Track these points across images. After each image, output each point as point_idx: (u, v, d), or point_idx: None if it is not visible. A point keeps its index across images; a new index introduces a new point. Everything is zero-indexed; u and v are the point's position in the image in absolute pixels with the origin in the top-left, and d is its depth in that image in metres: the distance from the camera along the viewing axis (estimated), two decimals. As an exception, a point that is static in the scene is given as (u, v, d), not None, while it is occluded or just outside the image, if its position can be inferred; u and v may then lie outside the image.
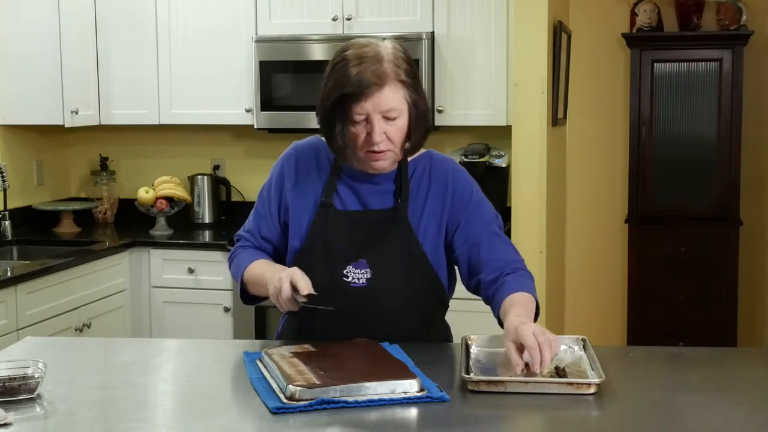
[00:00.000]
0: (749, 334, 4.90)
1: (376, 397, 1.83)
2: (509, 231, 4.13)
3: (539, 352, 1.91)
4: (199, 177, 4.91)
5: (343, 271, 2.21)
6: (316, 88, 2.22)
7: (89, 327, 4.12)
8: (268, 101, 4.51)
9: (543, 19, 4.02)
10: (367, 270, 2.21)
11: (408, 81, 2.13)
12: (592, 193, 5.04)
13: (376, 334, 2.16)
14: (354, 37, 2.37)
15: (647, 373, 2.10)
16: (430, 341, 2.29)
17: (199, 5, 4.63)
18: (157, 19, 4.66)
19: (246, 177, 4.98)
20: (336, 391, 1.82)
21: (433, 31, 4.34)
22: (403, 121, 2.14)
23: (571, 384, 1.90)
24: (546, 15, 4.02)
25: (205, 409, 1.86)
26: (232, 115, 4.64)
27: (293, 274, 2.10)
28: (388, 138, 2.14)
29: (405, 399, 1.83)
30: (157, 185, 4.74)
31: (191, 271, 4.43)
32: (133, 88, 4.70)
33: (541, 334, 1.93)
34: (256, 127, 4.58)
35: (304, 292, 2.06)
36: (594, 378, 1.92)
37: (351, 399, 1.82)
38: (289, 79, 4.52)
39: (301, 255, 2.25)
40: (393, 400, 1.83)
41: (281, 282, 2.09)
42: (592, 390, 1.88)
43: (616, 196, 4.99)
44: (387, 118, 2.12)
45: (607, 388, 1.91)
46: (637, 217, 4.81)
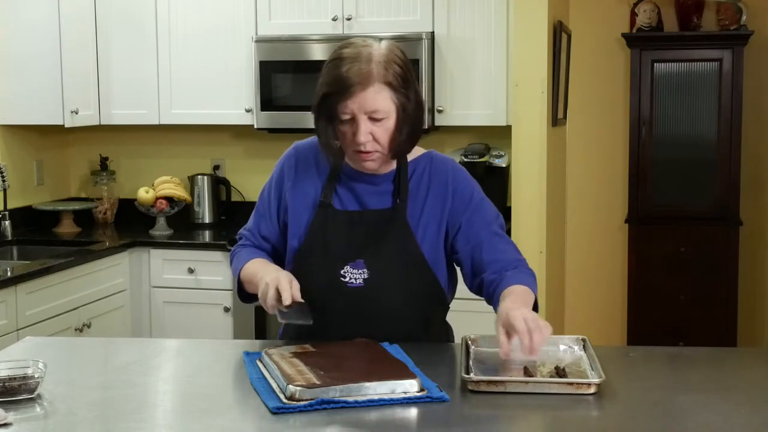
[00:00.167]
0: (749, 334, 4.90)
1: (376, 397, 1.83)
2: (509, 231, 4.13)
3: (528, 337, 1.91)
4: (199, 177, 4.91)
5: (341, 272, 2.21)
6: (315, 88, 2.22)
7: (89, 327, 4.12)
8: (268, 101, 4.51)
9: (543, 19, 4.02)
10: (365, 270, 2.21)
11: (395, 83, 2.11)
12: (592, 193, 5.04)
13: (375, 335, 2.16)
14: (354, 38, 2.36)
15: (647, 373, 2.10)
16: (430, 341, 2.29)
17: (199, 5, 4.63)
18: (157, 19, 4.66)
19: (246, 177, 4.98)
20: (336, 391, 1.82)
21: (433, 31, 4.34)
22: (390, 123, 2.13)
23: (571, 384, 1.90)
24: (546, 15, 4.02)
25: (205, 409, 1.86)
26: (232, 115, 4.64)
27: (280, 281, 2.09)
28: (375, 139, 2.13)
29: (405, 399, 1.83)
30: (157, 185, 4.74)
31: (191, 271, 4.43)
32: (133, 88, 4.70)
33: (533, 320, 1.93)
34: (256, 127, 4.58)
35: (286, 302, 2.07)
36: (594, 378, 1.92)
37: (351, 399, 1.82)
38: (289, 79, 4.52)
39: (300, 255, 2.26)
40: (393, 400, 1.83)
41: (267, 287, 2.10)
42: (592, 390, 1.88)
43: (616, 196, 4.99)
44: (373, 119, 2.11)
45: (607, 388, 1.91)
46: (637, 217, 4.81)
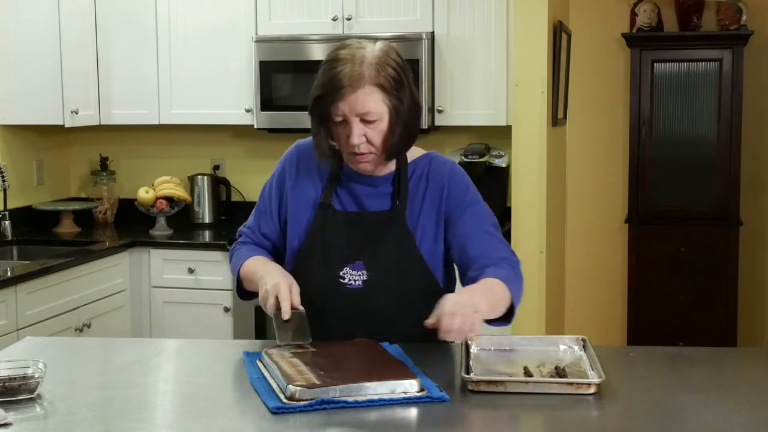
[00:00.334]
0: (749, 334, 4.90)
1: (376, 397, 1.83)
2: (509, 231, 4.13)
3: (449, 320, 1.90)
4: (199, 177, 4.91)
5: (340, 273, 2.21)
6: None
7: (89, 327, 4.12)
8: (268, 101, 4.51)
9: (543, 19, 4.02)
10: (364, 272, 2.20)
11: (387, 85, 2.09)
12: (592, 193, 5.03)
13: (374, 336, 2.15)
14: (354, 37, 2.36)
15: (647, 373, 2.10)
16: (430, 342, 2.28)
17: (199, 5, 4.63)
18: (157, 19, 4.66)
19: (246, 177, 4.98)
20: (336, 391, 1.82)
21: (433, 31, 4.34)
22: (383, 125, 2.12)
23: (571, 384, 1.90)
24: (546, 15, 4.02)
25: (205, 409, 1.86)
26: (232, 115, 4.64)
27: (280, 288, 2.09)
28: (368, 141, 2.12)
29: (405, 399, 1.83)
30: (157, 185, 4.74)
31: (191, 271, 4.43)
32: (133, 88, 4.70)
33: (462, 306, 1.92)
34: (256, 127, 4.58)
35: (285, 316, 2.07)
36: (594, 378, 1.92)
37: (351, 399, 1.82)
38: (289, 79, 4.52)
39: (300, 255, 2.26)
40: (393, 400, 1.82)
41: (267, 294, 2.10)
42: (592, 390, 1.88)
43: (616, 196, 4.99)
44: (366, 121, 2.10)
45: (607, 388, 1.91)
46: (637, 217, 4.81)
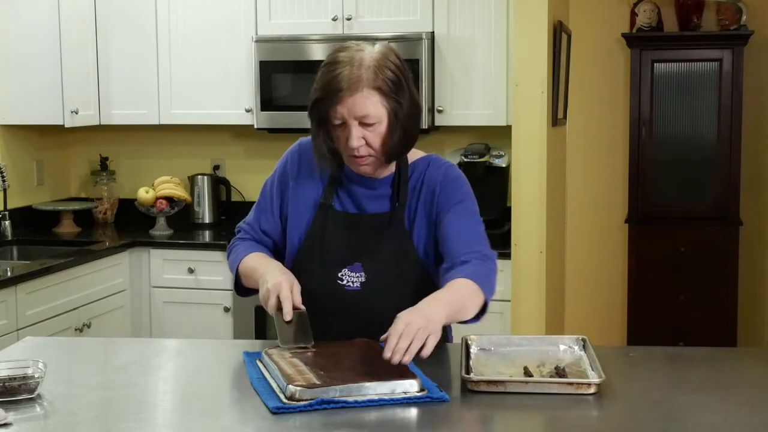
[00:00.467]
0: (749, 334, 4.89)
1: (376, 397, 1.83)
2: (509, 231, 4.13)
3: (394, 340, 1.86)
4: (199, 177, 4.91)
5: (339, 274, 2.21)
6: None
7: (89, 327, 4.12)
8: (268, 101, 4.51)
9: (543, 19, 4.02)
10: (362, 274, 2.20)
11: (386, 88, 2.08)
12: (592, 193, 5.03)
13: (372, 338, 2.14)
14: (354, 37, 2.36)
15: (647, 373, 2.10)
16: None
17: (199, 5, 4.63)
18: (157, 19, 4.66)
19: (246, 177, 4.98)
20: (336, 391, 1.82)
21: (433, 31, 4.34)
22: (382, 128, 2.10)
23: (571, 384, 1.90)
24: (546, 15, 4.02)
25: (205, 409, 1.86)
26: (232, 115, 4.64)
27: (281, 288, 2.08)
28: (368, 144, 2.11)
29: (405, 399, 1.83)
30: (157, 185, 4.74)
31: (191, 271, 4.43)
32: (133, 88, 4.70)
33: (413, 325, 1.87)
34: (256, 127, 4.58)
35: (287, 317, 2.06)
36: (594, 378, 1.92)
37: (351, 399, 1.82)
38: (289, 79, 4.52)
39: (299, 255, 2.25)
40: (393, 400, 1.83)
41: (269, 293, 2.09)
42: (592, 390, 1.88)
43: (616, 196, 4.99)
44: (365, 124, 2.09)
45: (607, 388, 1.91)
46: (637, 217, 4.80)
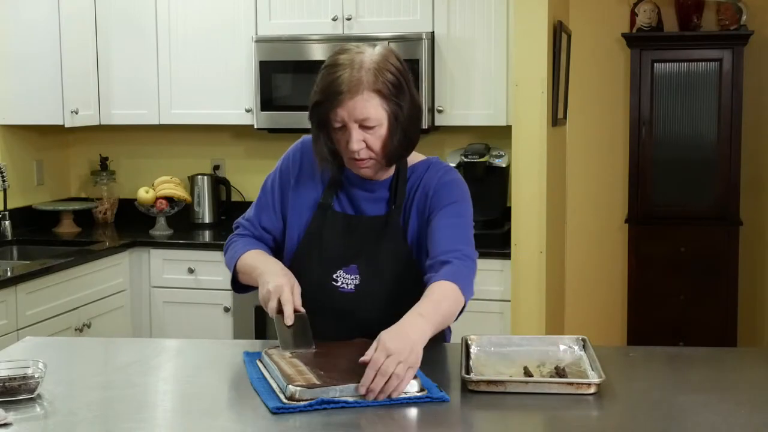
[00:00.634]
0: (749, 334, 4.89)
1: (376, 397, 1.83)
2: (509, 231, 4.13)
3: (371, 376, 1.81)
4: (199, 177, 4.91)
5: (334, 276, 2.20)
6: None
7: (89, 327, 4.12)
8: (268, 101, 4.51)
9: (543, 19, 4.02)
10: (357, 276, 2.19)
11: (386, 91, 2.07)
12: (592, 193, 5.03)
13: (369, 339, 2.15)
14: (354, 37, 2.36)
15: (647, 373, 2.10)
16: (426, 345, 2.27)
17: (199, 5, 4.63)
18: (157, 19, 4.66)
19: (246, 177, 4.98)
20: (336, 391, 1.82)
21: (433, 31, 4.34)
22: (382, 130, 2.09)
23: (571, 384, 1.90)
24: (546, 15, 4.02)
25: (205, 409, 1.86)
26: (232, 115, 4.64)
27: (282, 291, 2.07)
28: (368, 146, 2.10)
29: (405, 399, 1.83)
30: (157, 185, 4.74)
31: (191, 271, 4.43)
32: (133, 88, 4.70)
33: (393, 358, 1.81)
34: (256, 127, 4.58)
35: (288, 321, 2.05)
36: (594, 378, 1.92)
37: (351, 399, 1.82)
38: (289, 79, 4.52)
39: (298, 254, 2.25)
40: (393, 400, 1.83)
41: (270, 295, 2.08)
42: (592, 390, 1.88)
43: (616, 196, 4.99)
44: (365, 127, 2.08)
45: (607, 388, 1.91)
46: (637, 217, 4.80)
